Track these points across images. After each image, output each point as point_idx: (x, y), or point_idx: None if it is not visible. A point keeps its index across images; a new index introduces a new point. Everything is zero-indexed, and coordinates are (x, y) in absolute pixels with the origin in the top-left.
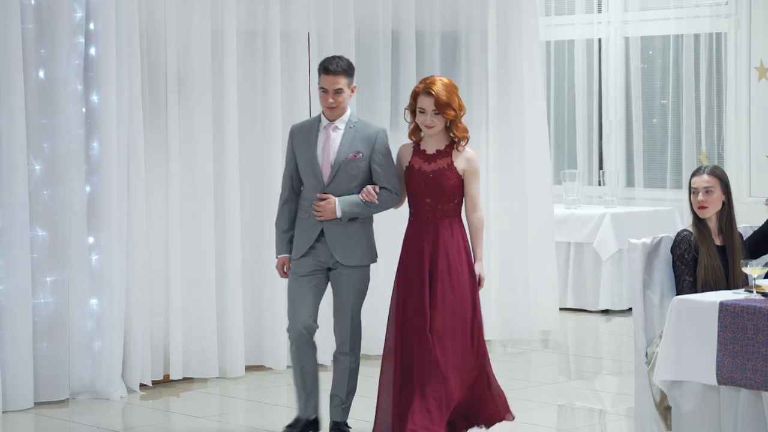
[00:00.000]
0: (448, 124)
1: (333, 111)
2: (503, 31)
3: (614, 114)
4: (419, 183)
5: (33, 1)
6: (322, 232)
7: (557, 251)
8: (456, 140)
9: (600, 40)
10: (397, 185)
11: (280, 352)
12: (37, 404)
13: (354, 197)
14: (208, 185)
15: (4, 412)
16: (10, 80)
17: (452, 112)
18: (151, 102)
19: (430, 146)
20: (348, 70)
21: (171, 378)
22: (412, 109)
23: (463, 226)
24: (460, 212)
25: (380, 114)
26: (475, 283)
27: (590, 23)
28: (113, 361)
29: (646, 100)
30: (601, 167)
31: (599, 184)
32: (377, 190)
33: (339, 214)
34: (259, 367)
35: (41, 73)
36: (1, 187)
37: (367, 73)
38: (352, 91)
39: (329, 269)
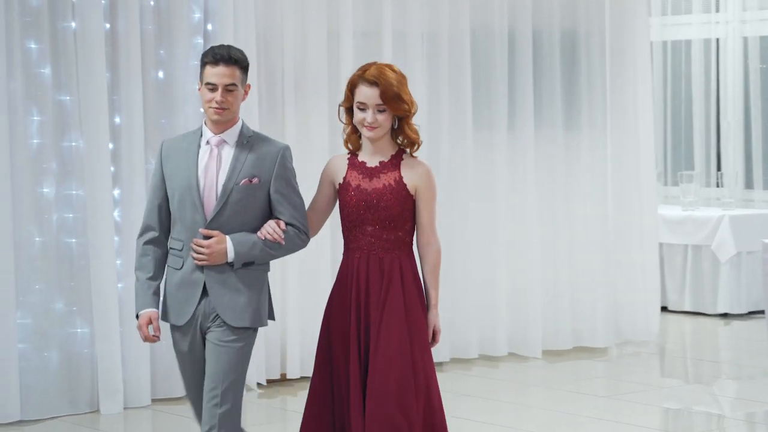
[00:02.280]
0: (395, 125)
1: (222, 116)
2: (616, 31)
3: (732, 115)
4: (357, 206)
5: (152, 3)
6: (206, 285)
7: (674, 253)
8: (405, 147)
9: (718, 40)
10: (305, 221)
11: None
12: (154, 401)
13: (251, 236)
14: None
15: (125, 408)
16: (129, 80)
17: (404, 107)
18: (267, 103)
19: (372, 157)
20: (243, 61)
21: (288, 377)
22: (348, 106)
23: (415, 262)
24: (411, 243)
25: (497, 116)
26: (427, 338)
27: (708, 23)
28: None
29: (765, 101)
30: (719, 169)
31: (717, 186)
32: (283, 226)
33: (231, 257)
34: None
35: (160, 74)
36: (122, 185)
37: (483, 73)
38: (246, 93)
39: (203, 333)
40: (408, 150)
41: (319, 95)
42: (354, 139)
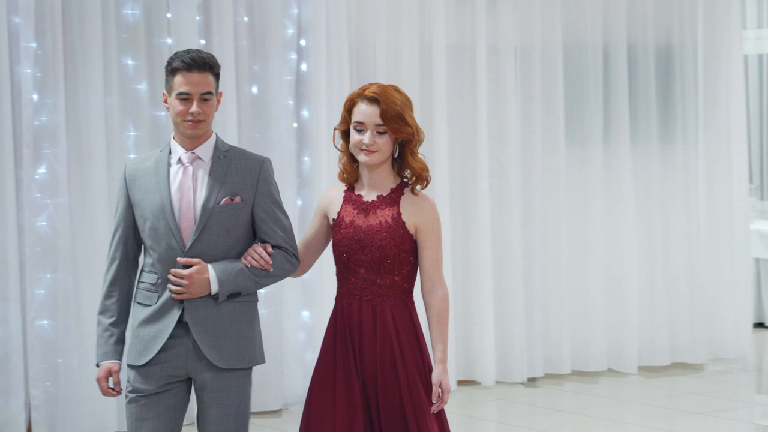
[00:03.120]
0: (396, 154)
1: (198, 129)
2: (709, 44)
3: None
4: (350, 245)
5: (246, 19)
6: (181, 319)
7: (766, 268)
8: (409, 180)
9: None
10: (294, 242)
11: (488, 366)
12: (252, 414)
13: (236, 263)
14: None
15: None
16: (224, 96)
17: (407, 129)
18: None
19: (369, 190)
20: (217, 66)
21: None
22: (345, 129)
23: (415, 311)
24: (412, 289)
25: (591, 131)
26: (426, 401)
27: None
28: None
29: None
30: None
31: None
32: (270, 250)
33: (215, 288)
34: (470, 382)
35: (254, 89)
36: None
37: (576, 88)
38: (218, 102)
39: (189, 379)
40: (417, 185)
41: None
42: (351, 168)
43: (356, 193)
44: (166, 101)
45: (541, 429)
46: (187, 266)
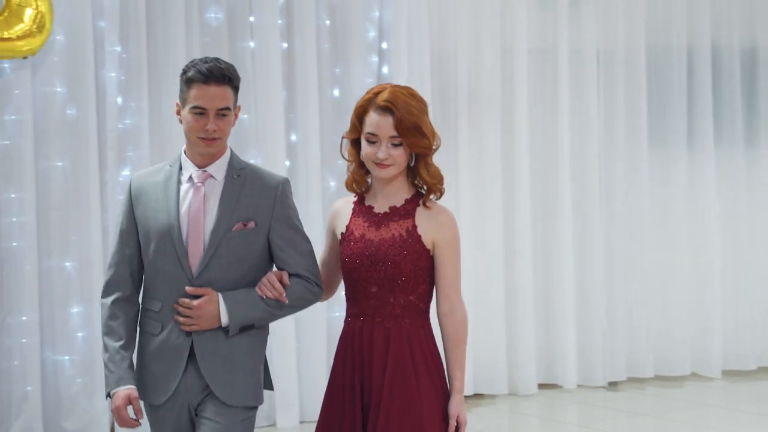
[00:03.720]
0: (411, 163)
1: (212, 148)
2: None
3: None
4: (361, 260)
5: (328, 22)
6: (192, 353)
7: None
8: (422, 190)
9: None
10: (315, 269)
11: (569, 370)
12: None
13: (249, 293)
14: (497, 203)
15: (301, 422)
16: (306, 99)
17: (424, 143)
18: (440, 119)
19: (382, 200)
20: (237, 79)
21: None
22: (355, 137)
23: (432, 334)
24: (428, 310)
25: (675, 133)
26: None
27: None
28: None
29: None
30: None
31: None
32: (286, 279)
33: (225, 320)
34: (552, 386)
35: (336, 92)
36: (298, 203)
37: (659, 90)
38: (236, 117)
39: (192, 411)
40: (429, 196)
41: (493, 113)
42: (360, 177)
43: (367, 204)
44: (179, 112)
45: None
46: (194, 296)
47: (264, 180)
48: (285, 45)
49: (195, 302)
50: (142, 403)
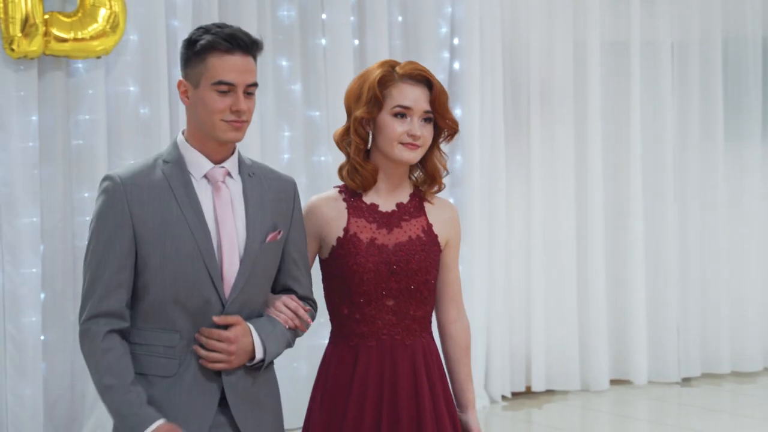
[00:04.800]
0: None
1: (239, 132)
2: None
3: None
4: (378, 270)
5: (400, 18)
6: (222, 396)
7: None
8: (422, 185)
9: None
10: (311, 290)
11: (641, 365)
12: None
13: (274, 323)
14: (570, 198)
15: None
16: None
17: (455, 120)
18: (512, 115)
19: (387, 196)
20: (261, 49)
21: (532, 390)
22: (371, 117)
23: (437, 347)
24: (431, 320)
25: (751, 126)
26: None
27: None
28: (476, 371)
29: None
30: None
31: None
32: (303, 308)
33: (260, 354)
34: (624, 381)
35: None
36: None
37: (735, 83)
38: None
39: None
40: (430, 188)
41: (566, 107)
42: (371, 169)
43: (366, 201)
44: (185, 93)
45: (696, 429)
46: (223, 326)
47: (278, 180)
48: (357, 42)
49: (229, 334)
50: None
